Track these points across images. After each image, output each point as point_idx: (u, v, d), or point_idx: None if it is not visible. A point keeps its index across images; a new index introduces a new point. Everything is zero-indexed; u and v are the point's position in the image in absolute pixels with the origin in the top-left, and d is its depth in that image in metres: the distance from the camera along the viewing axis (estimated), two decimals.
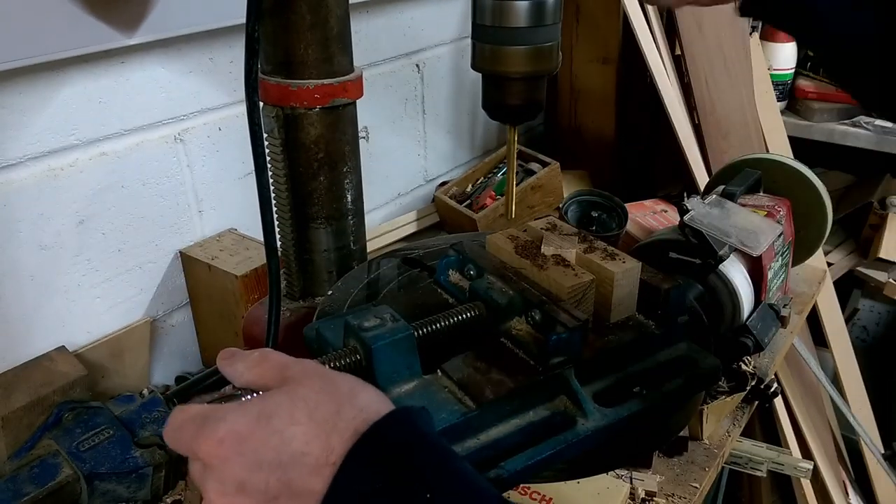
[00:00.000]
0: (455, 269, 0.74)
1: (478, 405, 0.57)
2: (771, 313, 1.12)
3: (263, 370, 0.52)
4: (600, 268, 0.67)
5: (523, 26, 0.63)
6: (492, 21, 0.64)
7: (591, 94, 1.81)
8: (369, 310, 0.60)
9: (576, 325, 0.60)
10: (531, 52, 0.64)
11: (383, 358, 0.56)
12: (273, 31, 0.83)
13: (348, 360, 0.57)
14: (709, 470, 1.01)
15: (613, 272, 0.66)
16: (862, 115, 2.00)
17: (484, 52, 0.66)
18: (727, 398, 1.06)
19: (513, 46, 0.64)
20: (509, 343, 0.64)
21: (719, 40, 1.63)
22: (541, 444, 0.58)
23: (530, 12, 0.63)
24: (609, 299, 0.67)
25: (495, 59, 0.65)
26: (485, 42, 0.65)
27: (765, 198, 1.18)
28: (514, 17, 0.63)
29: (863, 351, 2.37)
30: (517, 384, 0.59)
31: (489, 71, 0.67)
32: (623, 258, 0.68)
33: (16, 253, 0.97)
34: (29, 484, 0.87)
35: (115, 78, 1.02)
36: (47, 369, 0.98)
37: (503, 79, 0.66)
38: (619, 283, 0.66)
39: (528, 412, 0.60)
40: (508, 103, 0.68)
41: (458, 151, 1.73)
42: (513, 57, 0.65)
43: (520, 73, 0.66)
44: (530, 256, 0.70)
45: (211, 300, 1.15)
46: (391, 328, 0.57)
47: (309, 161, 0.89)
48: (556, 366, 0.60)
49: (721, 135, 1.64)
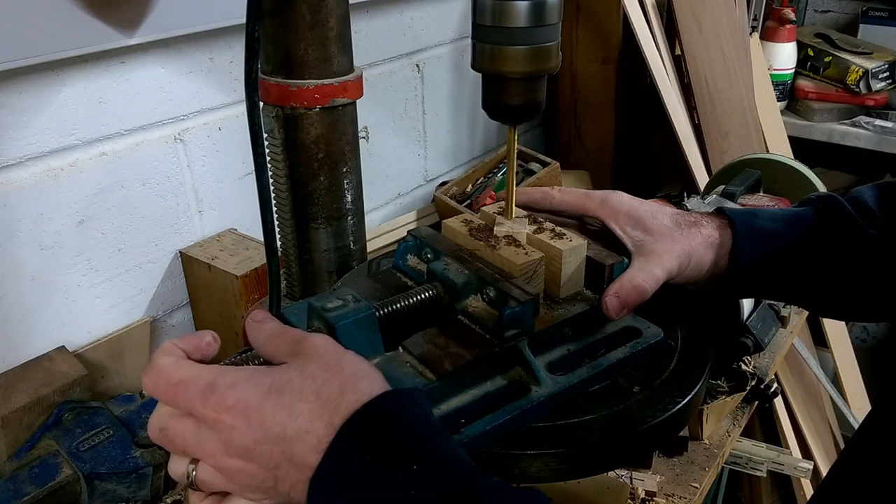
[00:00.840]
0: (413, 253, 0.77)
1: (438, 377, 0.60)
2: (771, 313, 1.12)
3: (279, 344, 0.54)
4: (549, 246, 0.71)
5: (523, 26, 0.63)
6: (492, 21, 0.64)
7: (591, 94, 1.81)
8: (332, 293, 0.63)
9: (528, 299, 0.63)
10: (531, 51, 0.64)
11: (347, 336, 0.58)
12: (273, 31, 0.83)
13: None
14: (709, 470, 1.01)
15: (561, 250, 0.70)
16: (862, 116, 2.00)
17: (484, 52, 0.66)
18: (727, 398, 1.06)
19: (513, 46, 0.64)
20: (466, 320, 0.67)
21: (719, 40, 1.63)
22: (498, 410, 0.61)
23: (530, 12, 0.62)
24: (558, 276, 0.71)
25: (495, 59, 0.65)
26: (484, 42, 0.65)
27: (765, 198, 1.18)
28: (514, 17, 0.63)
29: (863, 351, 2.37)
30: (474, 356, 0.63)
31: (489, 71, 0.67)
32: (570, 237, 0.72)
33: (16, 253, 0.97)
34: (29, 484, 0.87)
35: (115, 78, 1.02)
36: (47, 369, 0.98)
37: (503, 79, 0.66)
38: (566, 260, 0.70)
39: (485, 382, 0.63)
40: (508, 103, 0.68)
41: (458, 151, 1.73)
42: (513, 57, 0.64)
43: (520, 73, 0.65)
44: (483, 238, 0.73)
45: (211, 300, 1.15)
46: (353, 308, 0.60)
47: (309, 161, 0.89)
48: (510, 338, 0.64)
49: (721, 135, 1.64)
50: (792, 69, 2.05)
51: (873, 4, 2.17)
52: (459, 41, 1.61)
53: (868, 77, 1.97)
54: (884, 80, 1.99)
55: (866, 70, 1.96)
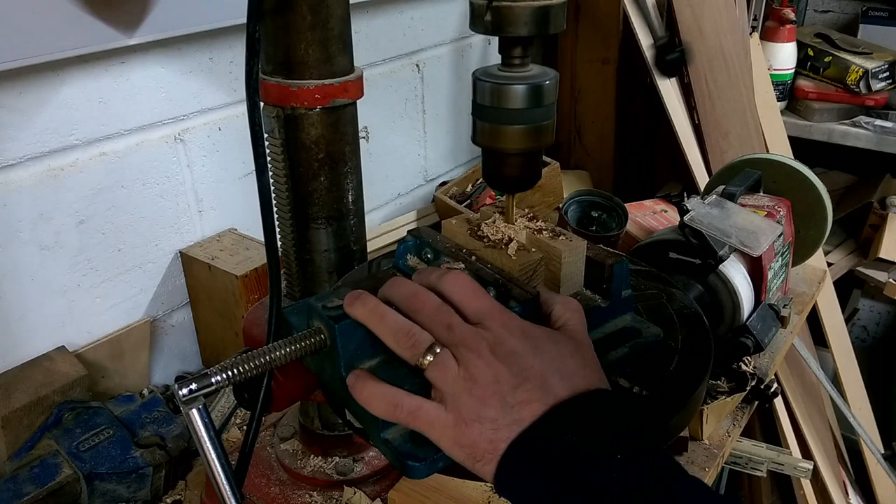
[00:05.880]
0: (413, 253, 0.77)
1: None
2: (771, 313, 1.12)
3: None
4: (549, 246, 0.71)
5: (521, 108, 0.67)
6: (491, 102, 0.67)
7: (591, 94, 1.81)
8: (332, 292, 0.63)
9: (528, 298, 0.63)
10: (528, 130, 0.68)
11: (347, 336, 0.58)
12: (273, 31, 0.83)
13: (312, 339, 0.59)
14: (709, 470, 1.01)
15: (561, 249, 0.70)
16: (862, 116, 2.00)
17: (484, 130, 0.70)
18: (727, 398, 1.06)
19: (511, 126, 0.68)
20: None
21: (719, 40, 1.63)
22: None
23: (528, 94, 0.66)
24: (558, 276, 0.71)
25: (494, 137, 0.69)
26: (484, 121, 0.69)
27: (765, 198, 1.18)
28: (513, 99, 0.66)
29: (863, 351, 2.37)
30: None
31: (489, 147, 0.71)
32: (570, 237, 0.72)
33: (16, 253, 0.97)
34: (29, 484, 0.87)
35: (115, 78, 1.02)
36: (47, 369, 0.98)
37: (502, 154, 0.70)
38: (566, 259, 0.71)
39: None
40: (507, 175, 0.72)
41: (458, 151, 1.73)
42: (511, 135, 0.68)
43: (517, 150, 0.69)
44: (483, 238, 0.74)
45: (211, 300, 1.15)
46: None
47: (309, 161, 0.89)
48: None
49: (721, 135, 1.64)
50: (792, 69, 2.05)
51: (873, 4, 2.17)
52: (459, 41, 1.61)
53: (868, 77, 1.97)
54: (884, 80, 1.99)
55: (866, 70, 1.96)
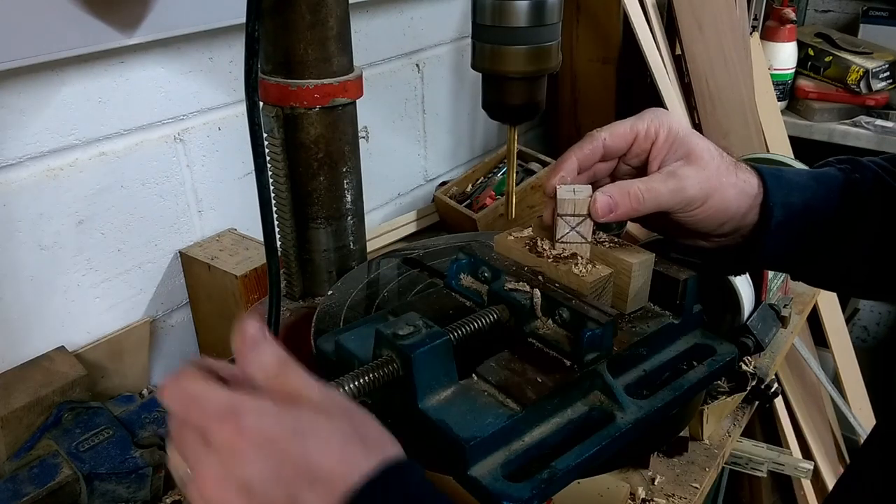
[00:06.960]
0: (466, 272, 0.73)
1: (522, 407, 0.57)
2: (771, 313, 1.12)
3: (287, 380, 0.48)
4: (617, 259, 0.67)
5: (523, 26, 0.63)
6: (492, 20, 0.63)
7: (591, 94, 1.81)
8: (398, 318, 0.59)
9: (608, 320, 0.60)
10: (531, 51, 0.64)
11: (423, 366, 0.55)
12: (273, 30, 0.83)
13: (385, 370, 0.55)
14: (709, 470, 1.01)
15: (631, 263, 0.66)
16: (862, 115, 2.00)
17: (484, 52, 0.65)
18: (727, 398, 1.06)
19: (513, 46, 0.64)
20: (538, 343, 0.63)
21: (719, 40, 1.63)
22: (586, 440, 0.57)
23: (531, 12, 0.62)
24: (626, 291, 0.67)
25: (495, 59, 0.65)
26: (485, 42, 0.65)
27: None
28: (515, 16, 0.62)
29: (863, 351, 2.37)
30: (556, 383, 0.59)
31: (489, 71, 0.66)
32: (635, 248, 0.68)
33: (15, 253, 0.97)
34: (29, 484, 0.87)
35: (115, 78, 1.02)
36: (47, 369, 0.98)
37: (503, 79, 0.66)
38: (636, 273, 0.66)
39: (566, 410, 0.60)
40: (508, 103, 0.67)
41: (458, 151, 1.73)
42: (513, 57, 0.64)
43: (520, 73, 0.65)
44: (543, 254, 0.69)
45: (211, 300, 1.15)
46: (427, 334, 0.56)
47: (309, 161, 0.89)
48: (590, 362, 0.61)
49: (721, 135, 1.64)
50: (792, 69, 2.05)
51: (874, 4, 2.17)
52: (459, 41, 1.61)
53: (868, 77, 1.97)
54: (884, 80, 1.99)
55: (867, 70, 1.96)
